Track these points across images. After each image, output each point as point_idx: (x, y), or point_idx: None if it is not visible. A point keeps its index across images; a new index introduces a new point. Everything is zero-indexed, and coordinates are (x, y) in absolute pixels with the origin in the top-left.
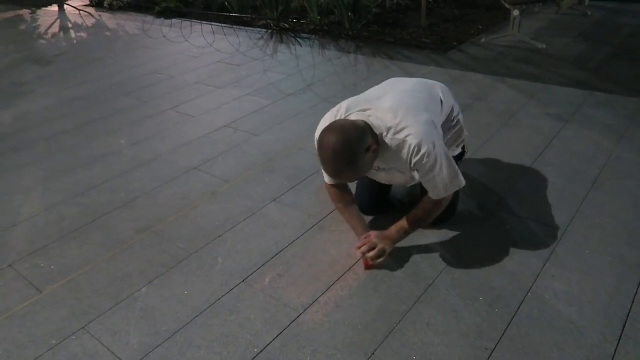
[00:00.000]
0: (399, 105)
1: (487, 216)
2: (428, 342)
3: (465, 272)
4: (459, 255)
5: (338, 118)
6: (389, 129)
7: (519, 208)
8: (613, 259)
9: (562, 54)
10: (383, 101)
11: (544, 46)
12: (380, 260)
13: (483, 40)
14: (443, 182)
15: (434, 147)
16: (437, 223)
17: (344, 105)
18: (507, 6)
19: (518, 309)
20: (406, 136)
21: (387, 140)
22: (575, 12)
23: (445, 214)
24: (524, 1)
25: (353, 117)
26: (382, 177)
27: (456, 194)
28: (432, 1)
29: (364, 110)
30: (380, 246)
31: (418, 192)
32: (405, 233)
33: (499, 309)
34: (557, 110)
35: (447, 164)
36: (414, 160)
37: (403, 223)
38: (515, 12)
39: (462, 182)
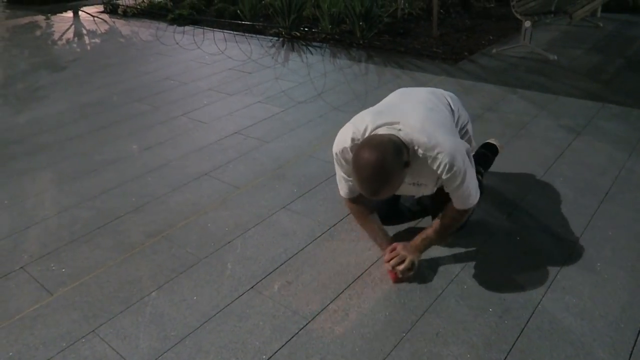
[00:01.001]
0: (425, 120)
1: (497, 227)
2: (437, 353)
3: (475, 283)
4: (469, 266)
5: (362, 132)
6: (419, 145)
7: (529, 219)
8: (625, 272)
9: (574, 66)
10: (409, 116)
11: (556, 57)
12: (411, 273)
13: (494, 50)
14: (470, 193)
15: (463, 162)
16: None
17: (367, 118)
18: (519, 17)
19: (528, 321)
20: (437, 153)
21: (419, 155)
22: (588, 23)
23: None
24: (535, 12)
25: (383, 132)
26: (408, 190)
27: None
28: (443, 11)
29: (392, 124)
30: (409, 258)
31: (427, 202)
32: (431, 243)
33: (509, 320)
34: (569, 122)
35: (472, 175)
36: (444, 177)
37: (429, 232)
38: (527, 23)
39: (479, 192)
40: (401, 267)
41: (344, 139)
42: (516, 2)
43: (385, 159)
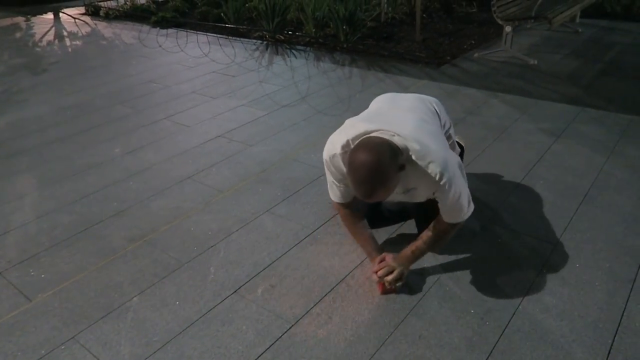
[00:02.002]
0: (418, 129)
1: (479, 229)
2: (420, 355)
3: (457, 285)
4: (451, 268)
5: (353, 139)
6: (413, 151)
7: (511, 222)
8: (603, 272)
9: (554, 70)
10: (401, 124)
11: (536, 62)
12: (400, 283)
13: (476, 55)
14: (461, 207)
15: (454, 174)
16: None
17: (358, 125)
18: (500, 22)
19: (509, 322)
20: (429, 161)
21: (412, 161)
22: (567, 29)
23: None
24: (516, 17)
25: (377, 135)
26: (399, 198)
27: None
28: (426, 16)
29: (385, 131)
30: (398, 269)
31: (410, 206)
32: (422, 254)
33: (490, 322)
34: (549, 125)
35: (464, 190)
36: (435, 186)
37: (419, 244)
38: (508, 28)
39: (473, 206)
40: (389, 277)
41: (334, 146)
42: (497, 8)
43: (381, 161)
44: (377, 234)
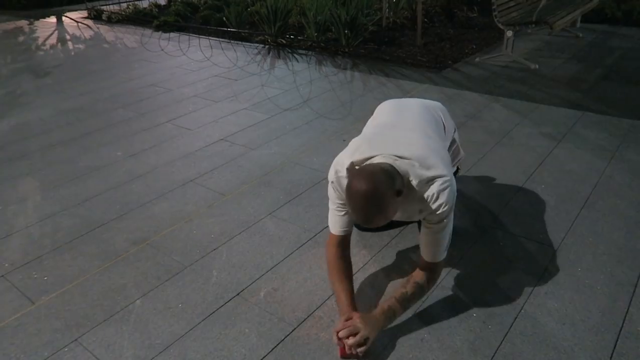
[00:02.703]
0: (422, 150)
1: (480, 233)
2: (422, 358)
3: (459, 289)
4: (453, 272)
5: (359, 162)
6: (415, 175)
7: (512, 226)
8: (605, 277)
9: (555, 75)
10: (405, 145)
11: (537, 66)
12: (362, 349)
13: (477, 59)
14: (444, 243)
15: (451, 208)
16: None
17: (363, 146)
18: (501, 27)
19: (511, 325)
20: (430, 184)
21: (413, 186)
22: (568, 34)
23: None
24: (517, 22)
25: (378, 160)
26: (404, 219)
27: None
28: (427, 20)
29: (388, 155)
30: (363, 332)
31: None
32: (394, 316)
33: (492, 325)
34: (550, 130)
35: (450, 226)
36: (430, 212)
37: (392, 303)
38: (509, 33)
39: (446, 253)
40: (351, 340)
41: (341, 167)
42: (498, 13)
43: (376, 188)
44: (379, 237)
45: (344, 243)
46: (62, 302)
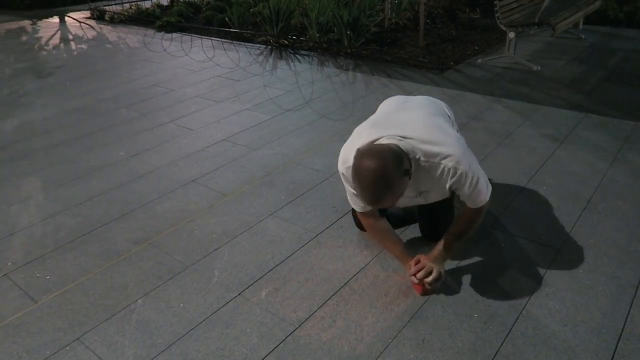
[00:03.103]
0: (426, 126)
1: (482, 234)
2: (423, 359)
3: (461, 290)
4: (455, 272)
5: (362, 145)
6: (422, 153)
7: (514, 227)
8: (606, 278)
9: (557, 76)
10: (409, 124)
11: (539, 68)
12: (439, 283)
13: (479, 60)
14: (482, 192)
15: (469, 165)
16: (435, 238)
17: (365, 133)
18: (503, 28)
19: (512, 326)
20: (441, 160)
21: (421, 163)
22: (570, 35)
23: (445, 223)
24: (519, 24)
25: (384, 142)
26: (413, 202)
27: (452, 209)
28: (430, 21)
29: (392, 135)
30: (436, 268)
31: (413, 211)
32: (454, 248)
33: (494, 326)
34: (552, 131)
35: (480, 173)
36: (451, 181)
37: (449, 239)
38: (511, 34)
39: (491, 187)
40: (429, 278)
41: (347, 157)
42: (501, 14)
43: (385, 166)
44: None
45: (372, 212)
46: (64, 301)
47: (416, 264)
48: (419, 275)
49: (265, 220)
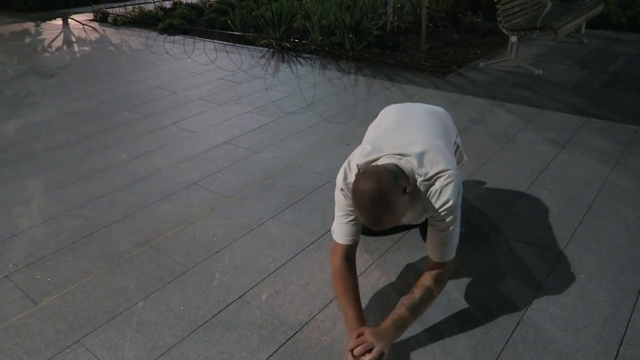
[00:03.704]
0: (427, 149)
1: (483, 238)
2: None
3: (461, 294)
4: (455, 277)
5: (362, 165)
6: (419, 174)
7: (515, 231)
8: (608, 283)
9: (559, 80)
10: (409, 145)
11: (541, 72)
12: None
13: (481, 64)
14: (453, 241)
15: (456, 204)
16: None
17: (366, 152)
18: (506, 32)
19: (513, 332)
20: (436, 182)
21: (418, 184)
22: (572, 39)
23: None
24: (522, 28)
25: (383, 161)
26: (418, 221)
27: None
28: (432, 25)
29: (392, 155)
30: (377, 347)
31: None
32: (406, 325)
33: (495, 331)
34: (554, 135)
35: (458, 223)
36: (434, 210)
37: (401, 311)
38: (513, 38)
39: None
40: (367, 357)
41: (349, 174)
42: (503, 18)
43: (381, 187)
44: (381, 242)
45: (349, 253)
46: (65, 303)
47: (358, 337)
48: (357, 351)
49: (266, 223)
